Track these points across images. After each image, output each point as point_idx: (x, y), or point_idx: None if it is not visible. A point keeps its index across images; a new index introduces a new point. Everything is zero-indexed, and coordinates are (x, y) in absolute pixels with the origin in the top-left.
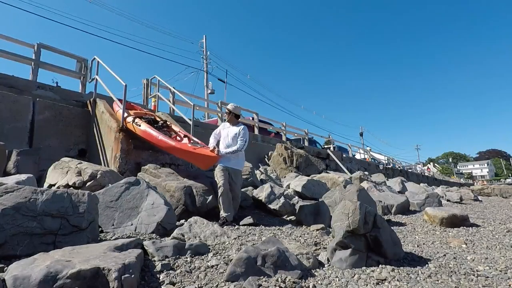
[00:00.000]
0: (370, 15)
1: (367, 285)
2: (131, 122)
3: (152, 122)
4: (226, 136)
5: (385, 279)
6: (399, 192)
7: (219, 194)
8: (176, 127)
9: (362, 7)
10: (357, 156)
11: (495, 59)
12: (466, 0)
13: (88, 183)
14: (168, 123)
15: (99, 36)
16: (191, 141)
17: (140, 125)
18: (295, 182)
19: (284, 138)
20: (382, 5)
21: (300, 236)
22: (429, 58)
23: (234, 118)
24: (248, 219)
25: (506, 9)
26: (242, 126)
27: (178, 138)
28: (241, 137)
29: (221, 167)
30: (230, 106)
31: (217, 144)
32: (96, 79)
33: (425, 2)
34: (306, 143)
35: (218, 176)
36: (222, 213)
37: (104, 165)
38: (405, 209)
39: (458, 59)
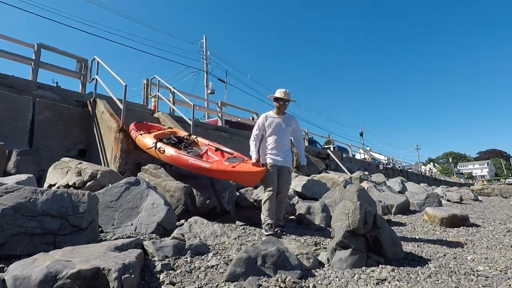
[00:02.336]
0: (370, 15)
1: (367, 285)
2: (154, 148)
3: (177, 142)
4: (281, 130)
5: (385, 279)
6: (399, 192)
7: (266, 198)
8: (204, 140)
9: (363, 7)
10: (357, 156)
11: (495, 59)
12: (466, 1)
13: (88, 183)
14: (194, 137)
15: (99, 36)
16: (226, 157)
17: (164, 151)
18: (295, 182)
19: None
20: (383, 6)
21: (300, 236)
22: (429, 58)
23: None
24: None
25: (506, 9)
26: (294, 117)
27: (209, 153)
28: (300, 131)
29: (272, 166)
30: (285, 95)
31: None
32: (96, 79)
33: (425, 3)
34: (306, 143)
35: (267, 176)
36: (267, 220)
37: (104, 165)
38: (405, 209)
39: (458, 59)
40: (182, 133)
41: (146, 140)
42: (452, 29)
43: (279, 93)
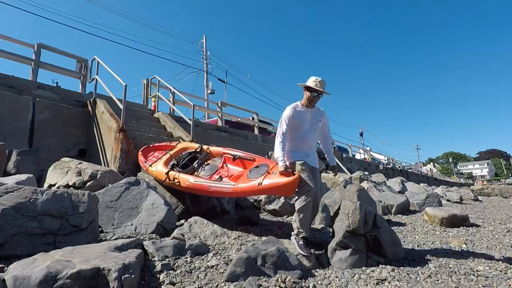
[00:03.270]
0: (370, 15)
1: (367, 285)
2: (167, 179)
3: (189, 160)
4: (311, 125)
5: (385, 279)
6: (399, 192)
7: (303, 202)
8: (218, 149)
9: (363, 7)
10: (357, 156)
11: (495, 59)
12: (467, 2)
13: (88, 183)
14: (206, 147)
15: (99, 36)
16: (248, 168)
17: (178, 181)
18: None
19: None
20: (383, 5)
21: None
22: (429, 58)
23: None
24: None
25: (507, 10)
26: (323, 110)
27: (228, 165)
28: (328, 127)
29: (303, 163)
30: (321, 85)
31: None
32: (96, 79)
33: (426, 3)
34: None
35: (301, 177)
36: (301, 232)
37: (104, 165)
38: (405, 209)
39: (458, 59)
40: (193, 146)
41: (159, 169)
42: (453, 29)
43: (313, 82)
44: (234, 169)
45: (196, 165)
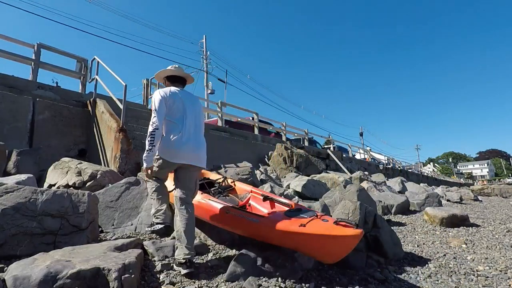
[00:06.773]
0: (370, 15)
1: (367, 285)
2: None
3: (205, 185)
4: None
5: (385, 279)
6: (399, 192)
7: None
8: (245, 186)
9: (363, 7)
10: (357, 156)
11: (495, 59)
12: (467, 2)
13: (88, 183)
14: (230, 181)
15: (99, 36)
16: (284, 210)
17: None
18: (295, 182)
19: (284, 138)
20: (383, 6)
21: None
22: (430, 58)
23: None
24: None
25: (506, 10)
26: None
27: (252, 203)
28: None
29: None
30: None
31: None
32: (96, 79)
33: (425, 3)
34: (306, 143)
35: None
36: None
37: (104, 165)
38: (405, 209)
39: (459, 59)
40: (214, 176)
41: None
42: (453, 29)
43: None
44: (260, 209)
45: (212, 192)
